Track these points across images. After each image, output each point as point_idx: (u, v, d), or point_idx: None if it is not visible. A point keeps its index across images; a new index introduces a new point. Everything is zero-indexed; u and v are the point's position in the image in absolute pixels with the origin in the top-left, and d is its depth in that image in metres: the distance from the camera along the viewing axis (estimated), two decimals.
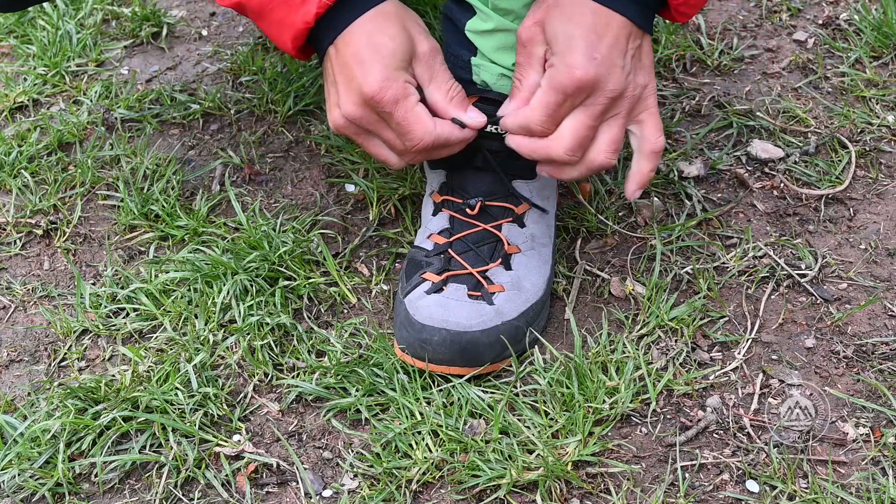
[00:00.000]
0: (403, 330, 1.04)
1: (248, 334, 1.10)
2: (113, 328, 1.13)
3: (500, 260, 1.08)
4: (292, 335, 1.11)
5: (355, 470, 0.98)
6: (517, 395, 1.03)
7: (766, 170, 1.30)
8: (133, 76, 1.51)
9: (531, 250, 1.11)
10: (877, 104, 1.38)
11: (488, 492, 0.95)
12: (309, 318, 1.14)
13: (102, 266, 1.22)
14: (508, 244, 1.10)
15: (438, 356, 1.02)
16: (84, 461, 0.99)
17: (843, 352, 1.08)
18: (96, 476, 0.99)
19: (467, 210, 1.10)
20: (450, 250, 1.09)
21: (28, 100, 1.47)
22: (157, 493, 0.97)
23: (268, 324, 1.11)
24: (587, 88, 0.97)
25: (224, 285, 1.14)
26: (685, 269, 1.16)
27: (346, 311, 1.15)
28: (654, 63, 1.04)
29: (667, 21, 1.04)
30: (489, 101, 1.07)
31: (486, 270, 1.08)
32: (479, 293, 1.05)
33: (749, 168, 1.30)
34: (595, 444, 0.98)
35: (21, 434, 1.01)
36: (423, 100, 1.02)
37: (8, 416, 1.04)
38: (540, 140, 1.01)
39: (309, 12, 0.96)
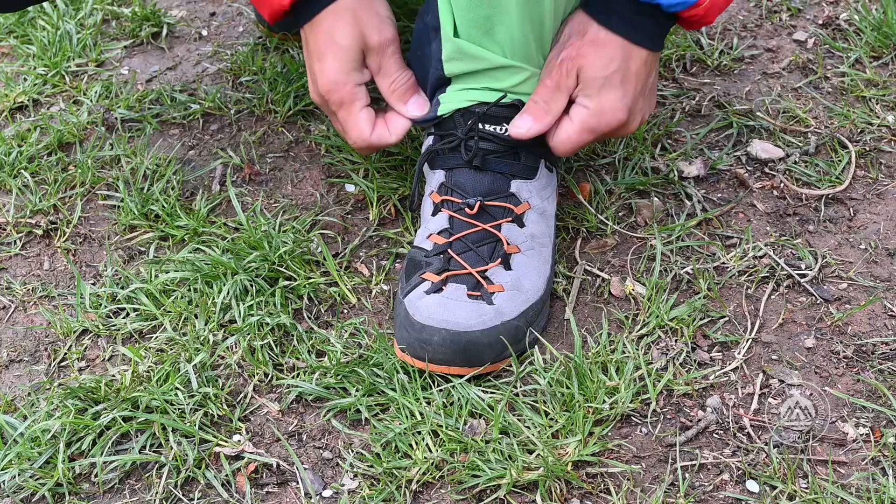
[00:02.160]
0: (403, 330, 1.04)
1: (248, 334, 1.10)
2: (113, 328, 1.13)
3: (499, 260, 1.08)
4: (292, 335, 1.11)
5: (355, 470, 0.98)
6: (517, 395, 1.03)
7: (766, 170, 1.30)
8: (133, 76, 1.51)
9: (531, 250, 1.11)
10: (877, 104, 1.38)
11: (488, 492, 0.95)
12: (309, 318, 1.14)
13: (102, 266, 1.22)
14: (508, 244, 1.10)
15: (438, 356, 1.02)
16: (84, 461, 0.99)
17: (843, 352, 1.08)
18: (96, 476, 0.99)
19: (466, 210, 1.10)
20: (449, 250, 1.09)
21: (28, 100, 1.47)
22: (157, 493, 0.97)
23: (268, 324, 1.11)
24: (615, 130, 1.08)
25: (224, 285, 1.14)
26: (685, 269, 1.16)
27: (346, 311, 1.15)
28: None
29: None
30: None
31: (486, 270, 1.08)
32: (478, 293, 1.05)
33: (749, 168, 1.30)
34: (595, 444, 0.98)
35: (21, 434, 1.01)
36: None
37: (8, 416, 1.04)
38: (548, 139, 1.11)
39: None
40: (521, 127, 1.09)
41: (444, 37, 1.08)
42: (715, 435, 1.01)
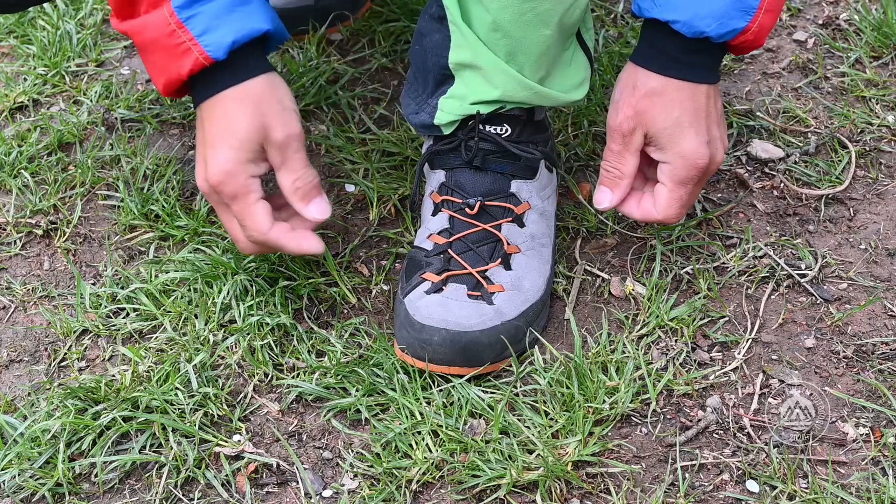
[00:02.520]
0: (403, 330, 1.04)
1: (248, 334, 1.10)
2: (113, 328, 1.13)
3: (499, 260, 1.08)
4: (292, 335, 1.11)
5: (355, 470, 0.98)
6: (517, 395, 1.03)
7: (766, 170, 1.30)
8: (133, 76, 1.51)
9: (531, 250, 1.11)
10: (877, 104, 1.38)
11: (488, 492, 0.95)
12: (309, 318, 1.14)
13: (102, 266, 1.22)
14: (508, 244, 1.10)
15: (438, 356, 1.02)
16: (84, 461, 0.99)
17: (843, 352, 1.08)
18: (96, 476, 0.99)
19: (467, 210, 1.10)
20: (449, 250, 1.09)
21: (28, 100, 1.47)
22: (157, 493, 0.97)
23: (268, 324, 1.11)
24: (708, 172, 1.05)
25: (224, 285, 1.14)
26: (685, 269, 1.16)
27: (346, 311, 1.15)
28: None
29: None
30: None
31: (486, 270, 1.08)
32: (478, 293, 1.05)
33: (749, 168, 1.30)
34: (595, 444, 0.98)
35: (21, 434, 1.01)
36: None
37: (8, 416, 1.04)
38: (644, 205, 1.09)
39: (184, 66, 0.99)
40: (603, 201, 1.08)
41: (453, 22, 1.06)
42: (715, 435, 1.01)
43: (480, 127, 1.10)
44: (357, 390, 1.04)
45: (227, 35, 0.98)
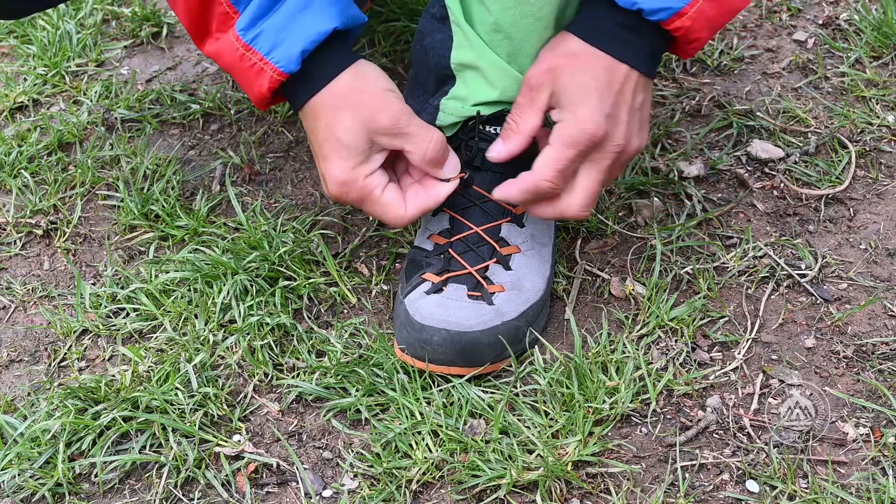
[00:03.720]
0: (403, 330, 1.04)
1: (248, 334, 1.10)
2: (113, 328, 1.13)
3: (497, 259, 1.09)
4: (292, 335, 1.11)
5: (355, 470, 0.98)
6: (517, 395, 1.03)
7: (766, 170, 1.30)
8: (133, 76, 1.51)
9: (531, 250, 1.11)
10: (877, 104, 1.38)
11: (488, 492, 0.95)
12: (309, 318, 1.14)
13: (102, 266, 1.22)
14: (508, 244, 1.10)
15: (438, 356, 1.02)
16: (84, 461, 0.99)
17: (843, 352, 1.08)
18: (96, 476, 0.99)
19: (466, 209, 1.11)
20: (450, 250, 1.09)
21: (28, 100, 1.47)
22: (157, 493, 0.97)
23: (268, 324, 1.11)
24: (598, 144, 0.98)
25: (224, 285, 1.14)
26: (685, 269, 1.16)
27: (346, 311, 1.15)
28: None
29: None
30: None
31: (486, 270, 1.08)
32: (478, 293, 1.06)
33: (749, 168, 1.30)
34: (595, 444, 0.98)
35: (21, 434, 1.01)
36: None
37: (8, 416, 1.04)
38: (556, 204, 1.02)
39: (263, 85, 1.00)
40: (491, 151, 1.04)
41: (455, 23, 1.06)
42: (715, 435, 1.01)
43: (480, 127, 1.10)
44: (357, 390, 1.04)
45: (294, 46, 0.97)
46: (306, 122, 1.03)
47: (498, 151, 1.04)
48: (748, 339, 1.09)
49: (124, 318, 1.15)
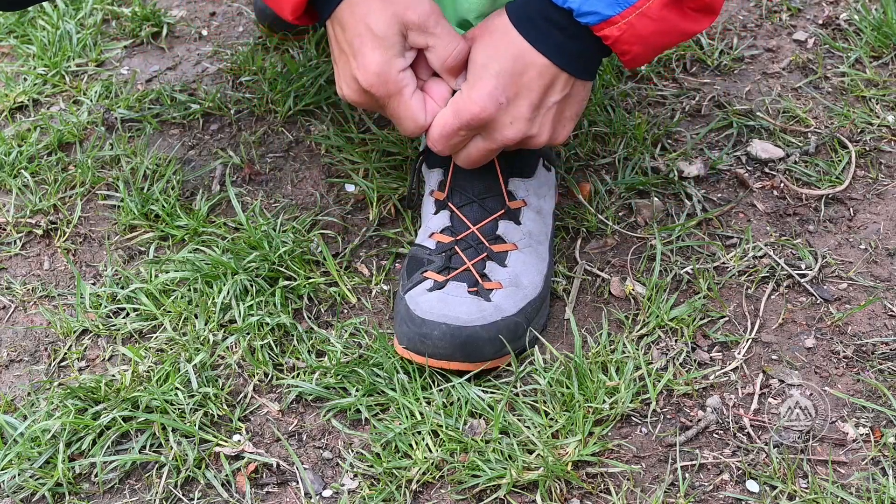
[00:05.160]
0: (404, 325, 1.04)
1: (248, 334, 1.10)
2: (113, 328, 1.13)
3: (486, 254, 1.09)
4: (292, 335, 1.11)
5: (355, 470, 0.98)
6: (517, 395, 1.03)
7: (766, 170, 1.30)
8: (133, 76, 1.51)
9: (528, 248, 1.11)
10: (877, 104, 1.38)
11: (488, 492, 0.95)
12: (309, 318, 1.14)
13: (102, 266, 1.22)
14: (505, 241, 1.10)
15: (438, 350, 1.02)
16: (84, 461, 0.99)
17: (843, 352, 1.08)
18: (96, 476, 0.99)
19: (466, 208, 1.11)
20: (451, 248, 1.09)
21: (28, 100, 1.47)
22: (157, 493, 0.97)
23: (268, 324, 1.11)
24: (482, 125, 0.99)
25: (224, 285, 1.14)
26: (685, 269, 1.16)
27: (346, 311, 1.15)
28: (583, 109, 1.03)
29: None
30: None
31: (484, 267, 1.08)
32: (477, 289, 1.06)
33: (749, 168, 1.30)
34: (595, 444, 0.98)
35: (21, 434, 1.01)
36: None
37: (8, 416, 1.04)
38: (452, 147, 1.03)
39: None
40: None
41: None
42: (715, 435, 1.01)
43: None
44: (357, 390, 1.04)
45: None
46: (335, 27, 1.00)
47: (458, 83, 1.02)
48: (748, 339, 1.09)
49: (124, 318, 1.15)
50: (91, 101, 1.46)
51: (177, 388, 1.04)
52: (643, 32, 0.95)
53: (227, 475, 0.99)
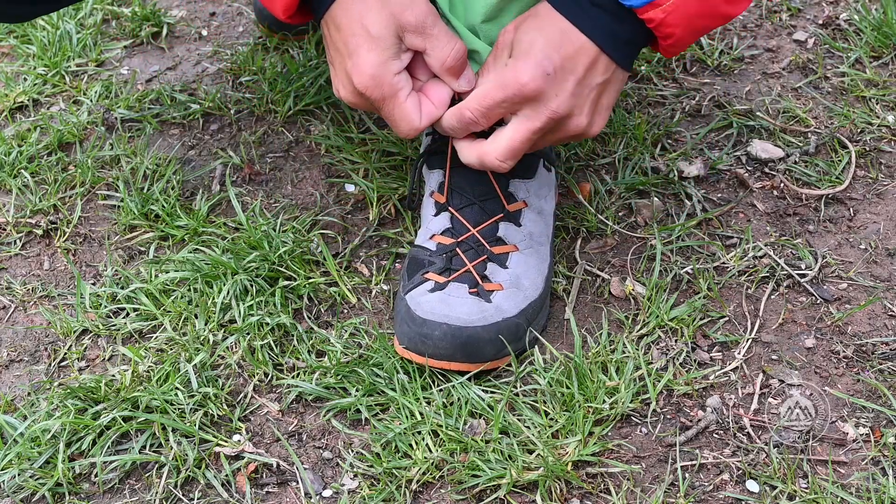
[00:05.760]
0: (404, 325, 1.04)
1: (248, 334, 1.10)
2: (113, 328, 1.13)
3: (486, 256, 1.09)
4: (292, 335, 1.11)
5: (355, 470, 0.98)
6: (517, 395, 1.03)
7: (766, 170, 1.30)
8: (133, 76, 1.51)
9: (529, 249, 1.11)
10: (877, 104, 1.38)
11: (488, 492, 0.95)
12: (309, 318, 1.14)
13: (102, 266, 1.22)
14: (506, 243, 1.10)
15: (439, 351, 1.02)
16: (84, 461, 0.99)
17: (843, 352, 1.08)
18: (96, 476, 0.99)
19: (466, 209, 1.11)
20: (451, 250, 1.09)
21: (28, 100, 1.47)
22: (157, 493, 0.97)
23: (268, 324, 1.11)
24: (528, 99, 0.97)
25: (224, 285, 1.14)
26: (685, 269, 1.16)
27: (346, 311, 1.15)
28: (614, 105, 1.02)
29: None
30: None
31: (485, 269, 1.08)
32: (478, 291, 1.06)
33: (749, 168, 1.30)
34: (595, 444, 0.98)
35: (21, 434, 1.01)
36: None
37: (8, 416, 1.04)
38: (478, 145, 1.02)
39: None
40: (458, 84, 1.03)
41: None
42: (715, 435, 1.01)
43: None
44: (357, 390, 1.04)
45: None
46: (330, 26, 0.99)
47: (460, 84, 1.02)
48: (748, 339, 1.09)
49: (124, 318, 1.15)
50: (91, 101, 1.46)
51: (177, 388, 1.04)
52: (690, 12, 0.95)
53: (227, 475, 0.99)
